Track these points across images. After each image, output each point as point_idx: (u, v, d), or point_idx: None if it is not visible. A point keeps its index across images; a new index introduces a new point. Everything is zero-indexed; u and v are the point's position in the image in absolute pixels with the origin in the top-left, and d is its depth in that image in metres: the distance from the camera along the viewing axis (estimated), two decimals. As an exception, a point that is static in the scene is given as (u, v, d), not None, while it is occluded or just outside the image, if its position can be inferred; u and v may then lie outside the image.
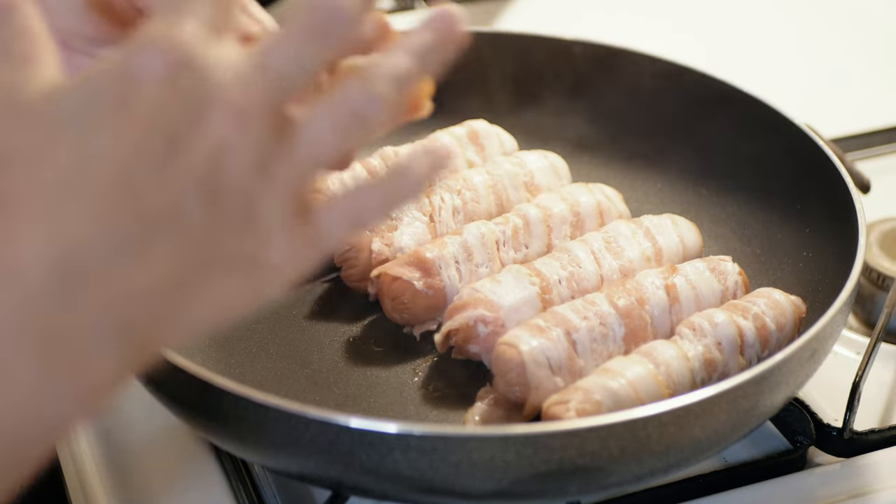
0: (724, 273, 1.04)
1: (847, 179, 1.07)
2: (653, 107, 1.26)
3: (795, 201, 1.14)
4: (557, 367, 0.94)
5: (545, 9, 1.66)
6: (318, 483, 0.88)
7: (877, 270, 1.17)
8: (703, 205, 1.20)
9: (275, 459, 0.88)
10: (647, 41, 1.29)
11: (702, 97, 1.22)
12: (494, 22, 1.62)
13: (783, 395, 0.91)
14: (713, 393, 0.85)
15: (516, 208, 1.10)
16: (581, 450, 0.81)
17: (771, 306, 0.99)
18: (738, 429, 0.89)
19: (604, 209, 1.12)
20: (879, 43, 1.63)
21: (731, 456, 1.00)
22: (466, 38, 0.63)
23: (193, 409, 0.90)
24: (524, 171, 1.15)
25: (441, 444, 0.80)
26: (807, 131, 1.13)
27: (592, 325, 0.96)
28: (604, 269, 1.04)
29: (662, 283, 1.01)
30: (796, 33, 1.67)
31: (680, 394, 0.92)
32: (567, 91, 1.29)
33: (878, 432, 1.02)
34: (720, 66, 1.23)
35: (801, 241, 1.12)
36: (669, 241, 1.08)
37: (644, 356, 0.94)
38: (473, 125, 1.20)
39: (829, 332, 0.93)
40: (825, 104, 1.45)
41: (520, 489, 0.83)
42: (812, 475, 0.99)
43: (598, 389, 0.90)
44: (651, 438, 0.83)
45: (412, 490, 0.83)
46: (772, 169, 1.17)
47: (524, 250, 1.07)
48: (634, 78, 1.26)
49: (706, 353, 0.95)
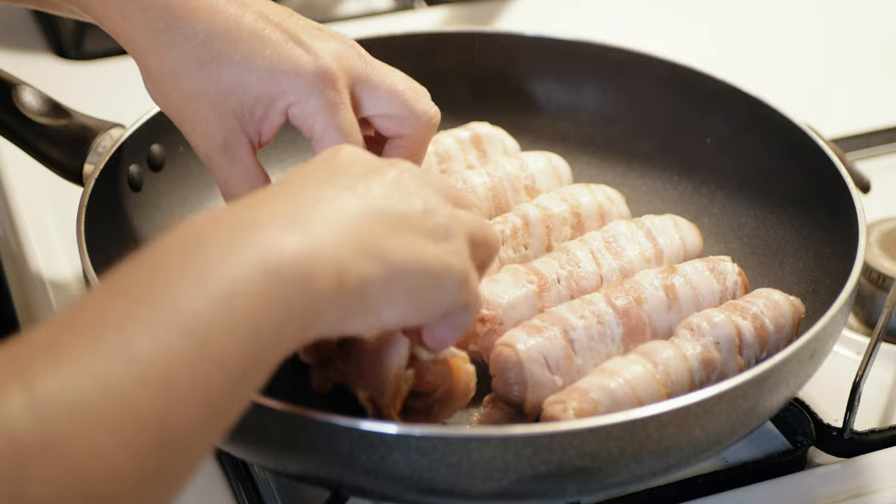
0: (723, 273, 1.03)
1: (847, 179, 1.07)
2: (653, 107, 1.26)
3: (795, 201, 1.14)
4: (555, 365, 0.94)
5: (545, 9, 1.66)
6: (318, 483, 0.89)
7: (877, 270, 1.17)
8: (703, 205, 1.20)
9: (275, 460, 0.88)
10: (647, 41, 1.29)
11: (702, 97, 1.22)
12: (494, 22, 1.62)
13: (783, 395, 0.91)
14: (713, 393, 0.85)
15: (516, 208, 1.10)
16: (581, 450, 0.81)
17: (770, 307, 0.99)
18: (738, 429, 0.89)
19: (605, 210, 1.12)
20: (879, 43, 1.63)
21: (731, 456, 1.00)
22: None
23: (193, 410, 0.90)
24: (525, 173, 1.14)
25: (441, 444, 0.80)
26: (807, 131, 1.13)
27: (590, 323, 0.96)
28: (603, 269, 1.04)
29: (661, 283, 1.01)
30: (796, 33, 1.67)
31: (678, 394, 0.92)
32: (568, 91, 1.29)
33: (878, 432, 1.02)
34: (720, 65, 1.23)
35: (801, 241, 1.12)
36: (670, 241, 1.08)
37: (642, 356, 0.94)
38: (477, 128, 1.20)
39: (830, 332, 0.93)
40: (825, 104, 1.45)
41: (520, 489, 0.83)
42: (812, 475, 0.99)
43: (596, 389, 0.90)
44: (651, 439, 0.83)
45: (412, 491, 0.84)
46: (772, 169, 1.17)
47: (523, 251, 1.07)
48: (635, 78, 1.26)
49: (704, 353, 0.95)
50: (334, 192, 0.77)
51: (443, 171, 1.14)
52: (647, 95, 1.26)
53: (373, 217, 0.76)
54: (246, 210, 0.73)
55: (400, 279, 0.76)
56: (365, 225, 0.76)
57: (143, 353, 0.63)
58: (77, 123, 1.10)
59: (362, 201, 0.77)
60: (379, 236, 0.76)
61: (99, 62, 1.51)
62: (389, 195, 0.79)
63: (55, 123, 1.10)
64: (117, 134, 1.10)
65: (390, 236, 0.76)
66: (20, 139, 1.10)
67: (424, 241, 0.78)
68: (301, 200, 0.75)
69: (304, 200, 0.75)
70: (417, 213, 0.79)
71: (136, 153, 1.11)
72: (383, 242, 0.76)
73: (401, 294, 0.77)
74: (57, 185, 1.14)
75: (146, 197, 1.13)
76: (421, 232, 0.79)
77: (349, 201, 0.76)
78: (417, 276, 0.78)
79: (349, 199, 0.77)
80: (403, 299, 0.77)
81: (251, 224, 0.71)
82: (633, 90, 1.27)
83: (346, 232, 0.74)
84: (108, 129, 1.10)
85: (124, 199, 1.11)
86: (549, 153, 1.18)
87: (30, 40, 1.56)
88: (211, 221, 0.71)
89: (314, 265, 0.70)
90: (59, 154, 1.10)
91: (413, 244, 0.78)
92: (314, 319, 0.71)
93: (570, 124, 1.29)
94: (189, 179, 1.15)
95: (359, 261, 0.74)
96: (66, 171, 1.10)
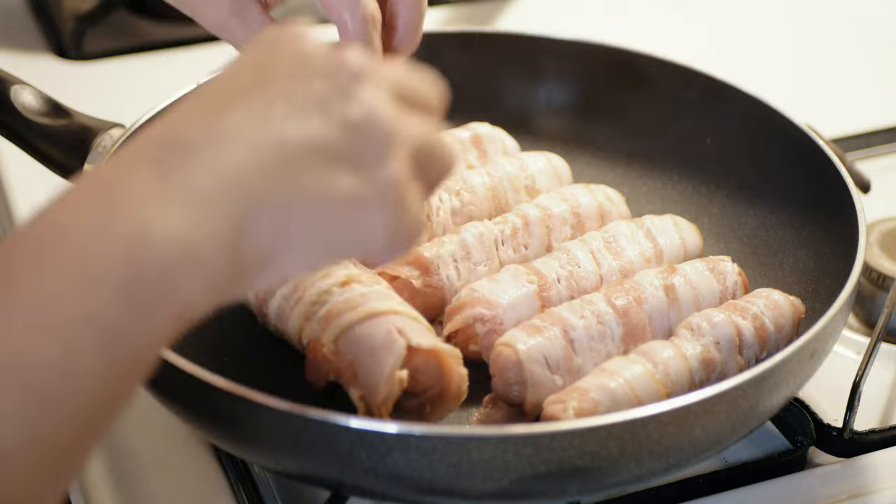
0: (723, 273, 1.04)
1: (847, 179, 1.07)
2: (653, 107, 1.26)
3: (795, 201, 1.14)
4: (555, 365, 0.94)
5: (545, 9, 1.66)
6: (318, 483, 0.89)
7: (877, 270, 1.17)
8: (703, 205, 1.20)
9: (275, 460, 0.88)
10: (647, 41, 1.29)
11: (702, 97, 1.22)
12: (494, 22, 1.62)
13: (783, 395, 0.91)
14: (713, 393, 0.85)
15: (516, 208, 1.10)
16: (581, 450, 0.81)
17: (770, 307, 0.99)
18: (738, 429, 0.89)
19: (605, 211, 1.12)
20: (879, 43, 1.63)
21: (731, 456, 1.00)
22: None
23: (193, 410, 0.90)
24: (525, 173, 1.14)
25: (441, 444, 0.80)
26: (807, 131, 1.13)
27: (590, 323, 0.96)
28: (603, 269, 1.04)
29: (661, 283, 1.01)
30: (796, 33, 1.67)
31: (678, 394, 0.92)
32: (567, 91, 1.29)
33: (878, 432, 1.02)
34: (720, 65, 1.23)
35: (801, 241, 1.12)
36: (670, 242, 1.08)
37: (642, 356, 0.94)
38: (478, 129, 1.19)
39: (830, 332, 0.93)
40: (825, 104, 1.45)
41: (520, 489, 0.83)
42: (812, 475, 0.99)
43: (596, 389, 0.90)
44: (651, 438, 0.83)
45: (412, 490, 0.83)
46: (772, 169, 1.17)
47: (523, 251, 1.07)
48: (635, 78, 1.26)
49: (704, 353, 0.95)
50: (233, 123, 0.68)
51: (443, 171, 1.14)
52: (647, 95, 1.26)
53: (268, 158, 0.67)
54: (104, 189, 0.66)
55: (299, 226, 0.68)
56: (251, 175, 0.67)
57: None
58: (77, 123, 1.10)
59: (262, 136, 0.68)
60: (269, 183, 0.67)
61: (99, 62, 1.51)
62: (302, 116, 0.69)
63: (55, 123, 1.10)
64: (117, 134, 1.10)
65: (286, 177, 0.67)
66: (20, 139, 1.10)
67: (334, 174, 0.69)
68: (178, 153, 0.66)
69: (181, 152, 0.66)
70: (332, 138, 0.69)
71: (136, 153, 1.11)
72: (275, 188, 0.67)
73: (303, 241, 0.69)
74: (57, 185, 1.14)
75: (146, 197, 1.13)
76: (332, 161, 0.69)
77: (243, 142, 0.67)
78: (321, 219, 0.69)
79: (246, 135, 0.67)
80: (307, 247, 0.69)
81: (117, 203, 0.64)
82: (633, 90, 1.26)
83: (225, 192, 0.66)
84: (108, 129, 1.10)
85: (124, 198, 1.10)
86: (549, 153, 1.18)
87: (30, 40, 1.56)
88: (59, 216, 0.65)
89: (179, 259, 0.64)
90: (59, 154, 1.10)
91: (316, 182, 0.68)
92: (189, 310, 0.65)
93: (570, 124, 1.29)
94: (189, 179, 1.15)
95: (237, 227, 0.66)
96: (66, 171, 1.10)
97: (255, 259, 0.67)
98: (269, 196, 0.67)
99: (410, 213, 0.72)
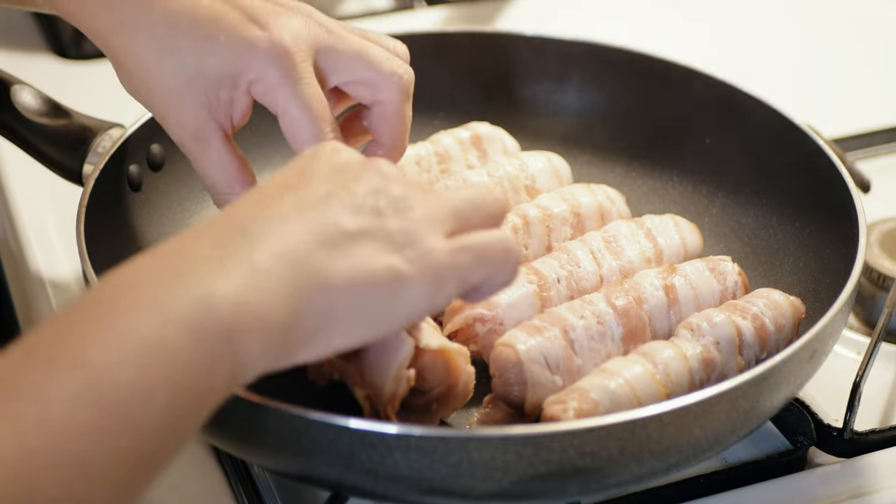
0: (723, 273, 1.03)
1: (847, 179, 1.07)
2: (654, 107, 1.26)
3: (796, 201, 1.14)
4: (555, 365, 0.94)
5: (545, 9, 1.66)
6: (318, 484, 0.88)
7: (877, 270, 1.17)
8: (703, 205, 1.20)
9: (275, 460, 0.88)
10: (648, 41, 1.29)
11: (703, 97, 1.22)
12: (494, 22, 1.62)
13: (783, 395, 0.91)
14: (713, 393, 0.85)
15: (516, 208, 1.10)
16: (581, 450, 0.81)
17: (770, 307, 0.99)
18: (738, 429, 0.89)
19: (605, 211, 1.11)
20: (879, 43, 1.63)
21: (731, 456, 1.00)
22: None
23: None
24: (525, 173, 1.14)
25: (441, 444, 0.80)
26: (807, 131, 1.13)
27: (590, 323, 0.96)
28: (603, 269, 1.04)
29: (661, 283, 1.01)
30: (796, 33, 1.67)
31: (678, 394, 0.92)
32: (567, 91, 1.29)
33: (878, 432, 1.02)
34: (721, 66, 1.23)
35: (801, 241, 1.12)
36: (671, 242, 1.08)
37: (642, 356, 0.94)
38: (478, 128, 1.19)
39: (830, 332, 0.93)
40: (825, 104, 1.45)
41: (520, 489, 0.83)
42: (812, 475, 0.99)
43: (596, 389, 0.90)
44: (651, 439, 0.83)
45: (412, 491, 0.83)
46: (772, 169, 1.17)
47: (523, 251, 1.07)
48: (635, 78, 1.26)
49: (704, 353, 0.95)
50: (283, 211, 0.75)
51: (443, 171, 1.14)
52: (647, 95, 1.26)
53: (317, 240, 0.74)
54: (171, 256, 0.72)
55: (344, 305, 0.74)
56: (303, 255, 0.73)
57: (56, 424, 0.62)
58: (77, 123, 1.10)
59: (311, 221, 0.75)
60: (318, 262, 0.74)
61: (99, 62, 1.51)
62: (341, 204, 0.77)
63: (55, 123, 1.10)
64: (117, 134, 1.10)
65: (333, 257, 0.74)
66: (20, 139, 1.10)
67: (377, 253, 0.76)
68: (236, 235, 0.73)
69: (239, 234, 0.73)
70: (368, 222, 0.77)
71: (136, 153, 1.11)
72: (323, 267, 0.74)
73: (348, 318, 0.75)
74: (57, 185, 1.14)
75: (146, 197, 1.13)
76: (374, 242, 0.76)
77: (294, 224, 0.74)
78: (365, 297, 0.75)
79: (296, 220, 0.75)
80: (352, 323, 0.75)
81: (173, 273, 0.70)
82: (633, 90, 1.26)
83: (280, 267, 0.72)
84: (107, 129, 1.10)
85: (124, 199, 1.11)
86: (549, 153, 1.18)
87: (30, 40, 1.56)
88: (132, 273, 0.70)
89: (240, 316, 0.69)
90: (59, 154, 1.10)
91: (360, 261, 0.75)
92: (244, 370, 0.71)
93: (570, 124, 1.29)
94: (189, 179, 1.15)
95: (292, 299, 0.72)
96: (65, 171, 1.10)
97: (303, 330, 0.73)
98: (319, 273, 0.73)
99: (449, 280, 0.78)
